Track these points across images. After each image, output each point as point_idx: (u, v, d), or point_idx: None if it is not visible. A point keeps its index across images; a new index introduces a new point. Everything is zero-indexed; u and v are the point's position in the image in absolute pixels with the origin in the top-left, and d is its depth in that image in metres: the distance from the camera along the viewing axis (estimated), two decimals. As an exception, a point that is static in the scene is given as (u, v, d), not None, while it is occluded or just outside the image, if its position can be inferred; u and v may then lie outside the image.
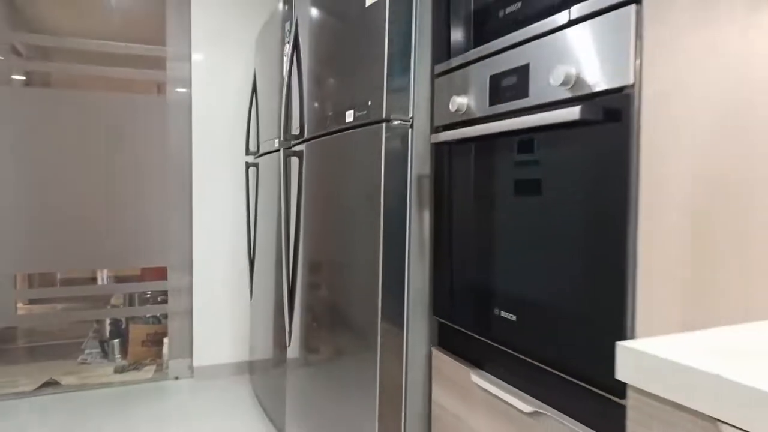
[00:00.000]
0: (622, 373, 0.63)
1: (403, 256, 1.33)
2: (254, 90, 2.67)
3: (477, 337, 1.17)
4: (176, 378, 2.84)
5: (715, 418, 0.53)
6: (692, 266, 0.78)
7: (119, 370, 2.92)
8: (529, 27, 0.98)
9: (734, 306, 0.82)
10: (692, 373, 0.55)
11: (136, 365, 2.99)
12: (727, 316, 0.82)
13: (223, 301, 2.89)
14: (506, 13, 1.06)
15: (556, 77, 0.88)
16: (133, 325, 3.09)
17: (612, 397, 0.84)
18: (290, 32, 2.00)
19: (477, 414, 1.14)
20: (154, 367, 2.97)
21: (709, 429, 0.54)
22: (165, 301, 2.92)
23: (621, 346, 0.63)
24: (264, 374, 2.44)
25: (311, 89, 1.78)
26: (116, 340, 3.13)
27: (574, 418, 0.91)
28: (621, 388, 0.81)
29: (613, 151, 0.82)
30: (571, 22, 0.89)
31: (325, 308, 1.63)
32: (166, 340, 2.91)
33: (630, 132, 0.79)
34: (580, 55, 0.87)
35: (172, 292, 2.84)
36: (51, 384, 2.72)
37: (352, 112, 1.44)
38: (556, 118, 0.87)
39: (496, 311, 1.08)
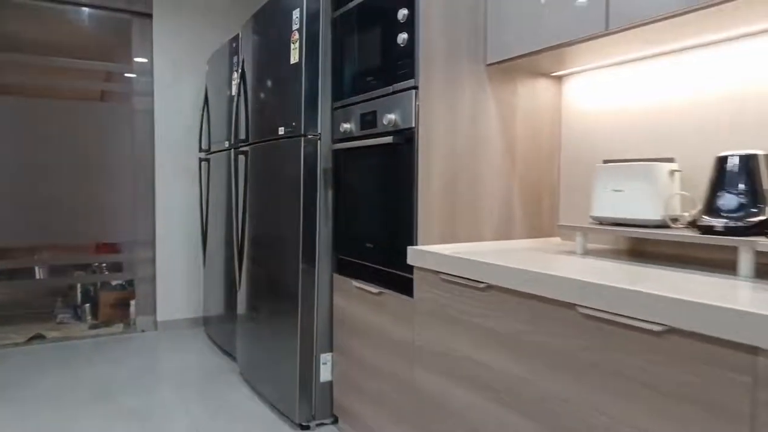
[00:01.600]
0: (410, 260, 1.51)
1: (315, 220, 2.16)
2: (206, 101, 3.42)
3: (355, 260, 2.02)
4: (143, 331, 3.55)
5: (440, 272, 1.42)
6: (445, 211, 1.67)
7: (93, 327, 3.59)
8: (376, 91, 1.84)
9: (466, 232, 1.72)
10: (441, 256, 1.44)
11: (107, 323, 3.66)
12: (463, 238, 1.72)
13: (180, 268, 3.62)
14: (367, 80, 1.92)
15: (386, 120, 1.75)
16: (103, 291, 3.75)
17: (410, 275, 1.71)
18: (238, 66, 2.78)
19: (353, 303, 2.00)
20: (122, 325, 3.65)
21: (436, 279, 1.43)
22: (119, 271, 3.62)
23: (410, 248, 1.51)
24: (217, 322, 3.21)
25: (254, 107, 2.58)
26: (87, 305, 3.78)
27: (394, 291, 1.78)
28: (411, 269, 1.68)
29: (408, 156, 1.69)
30: (393, 92, 1.76)
31: (265, 261, 2.44)
32: (132, 302, 3.60)
33: (414, 148, 1.66)
34: (396, 109, 1.74)
35: (139, 262, 3.54)
36: (38, 337, 3.36)
37: (282, 128, 2.26)
38: (385, 140, 1.74)
39: (366, 244, 1.94)
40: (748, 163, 1.26)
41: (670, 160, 1.52)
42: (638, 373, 1.02)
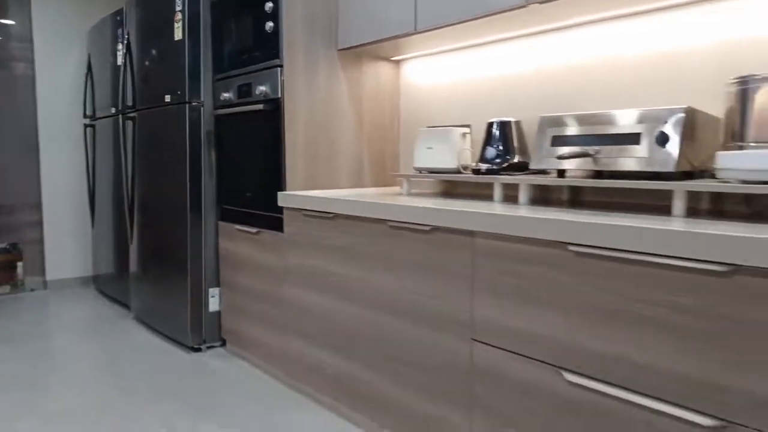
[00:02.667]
0: (280, 202, 1.97)
1: (200, 176, 2.53)
2: (89, 69, 3.57)
3: (237, 208, 2.44)
4: (32, 290, 3.69)
5: (303, 209, 1.90)
6: (307, 165, 2.15)
7: (-23, 290, 3.65)
8: (250, 66, 2.25)
9: (325, 182, 2.21)
10: (303, 198, 1.91)
11: (-8, 285, 3.73)
12: (322, 186, 2.21)
13: (69, 229, 3.78)
14: (243, 57, 2.32)
15: (259, 91, 2.17)
16: (-15, 255, 3.79)
17: (280, 215, 2.18)
18: (124, 38, 3.01)
19: (236, 243, 2.43)
20: (9, 286, 3.75)
21: (300, 215, 1.91)
22: None
23: (280, 193, 1.96)
24: (109, 277, 3.46)
25: (140, 77, 2.85)
26: (-32, 269, 3.80)
27: (269, 229, 2.24)
28: (281, 211, 2.15)
29: (276, 121, 2.13)
30: (264, 68, 2.18)
31: (157, 216, 2.77)
32: (20, 264, 3.71)
33: (281, 114, 2.11)
34: (266, 82, 2.17)
35: (25, 224, 3.65)
36: None
37: (168, 96, 2.59)
38: (258, 108, 2.17)
39: (245, 194, 2.37)
40: (504, 127, 1.86)
41: (467, 125, 2.11)
42: (419, 259, 1.57)
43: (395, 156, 2.52)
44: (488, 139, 1.89)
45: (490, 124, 1.89)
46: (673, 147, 1.32)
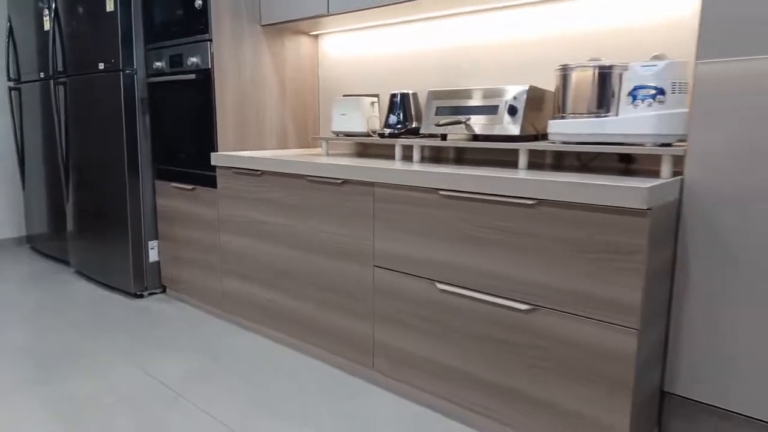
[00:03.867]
0: (213, 162, 2.27)
1: (136, 139, 2.77)
2: (11, 32, 3.60)
3: (172, 168, 2.71)
4: (-37, 251, 3.76)
5: (233, 167, 2.22)
6: (237, 128, 2.45)
7: None
8: (182, 39, 2.50)
9: (253, 144, 2.53)
10: (234, 157, 2.22)
11: None
12: (251, 147, 2.53)
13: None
14: (174, 30, 2.55)
15: (190, 62, 2.43)
16: None
17: (214, 174, 2.48)
18: (51, 5, 3.11)
19: (173, 200, 2.72)
20: (-63, 248, 3.80)
21: (231, 173, 2.22)
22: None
23: (213, 154, 2.27)
24: (45, 235, 3.61)
25: (70, 44, 2.99)
26: None
27: (203, 186, 2.54)
28: (214, 169, 2.45)
29: (208, 89, 2.41)
30: (195, 41, 2.44)
31: (94, 176, 2.97)
32: (-53, 226, 3.76)
33: (212, 83, 2.39)
34: (197, 54, 2.43)
35: (-49, 187, 3.69)
36: None
37: (102, 63, 2.77)
38: (190, 77, 2.43)
39: (179, 155, 2.64)
40: (403, 98, 2.25)
41: (375, 95, 2.48)
42: (333, 206, 1.96)
43: (316, 120, 2.86)
44: (391, 108, 2.27)
45: (393, 95, 2.28)
46: (519, 117, 1.77)
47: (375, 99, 2.42)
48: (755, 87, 1.30)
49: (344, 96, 2.51)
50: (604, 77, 1.58)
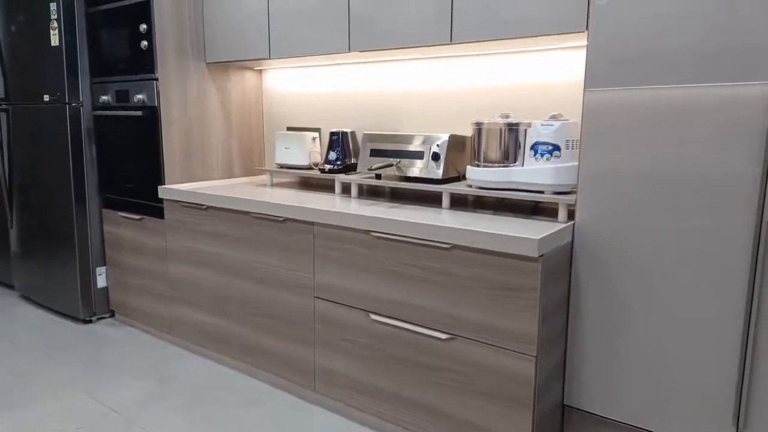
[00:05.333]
0: (161, 195, 2.38)
1: (82, 168, 2.83)
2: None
3: (120, 197, 2.80)
4: None
5: (180, 201, 2.34)
6: (184, 160, 2.57)
7: None
8: (128, 76, 2.59)
9: (200, 174, 2.66)
10: (180, 192, 2.34)
11: None
12: (198, 178, 2.66)
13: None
14: (121, 67, 2.64)
15: (137, 99, 2.53)
16: None
17: (161, 205, 2.59)
18: (-10, 31, 3.12)
19: (120, 228, 2.80)
20: None
21: (178, 206, 2.34)
22: None
23: (160, 187, 2.38)
24: (-14, 258, 3.58)
25: (13, 74, 3.01)
26: None
27: (151, 216, 2.64)
28: (162, 201, 2.56)
29: (155, 125, 2.52)
30: (141, 80, 2.54)
31: (40, 203, 3.01)
32: None
33: (158, 119, 2.50)
34: (143, 92, 2.54)
35: None
36: None
37: (47, 95, 2.82)
38: (137, 114, 2.53)
39: (126, 185, 2.73)
40: (342, 136, 2.44)
41: (317, 129, 2.66)
42: (276, 241, 2.12)
43: (261, 150, 3.01)
44: (331, 145, 2.45)
45: (333, 134, 2.46)
46: (441, 162, 1.98)
47: (316, 134, 2.60)
48: (636, 114, 1.56)
49: (288, 129, 2.67)
50: (511, 132, 1.81)
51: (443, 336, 1.70)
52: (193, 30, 2.60)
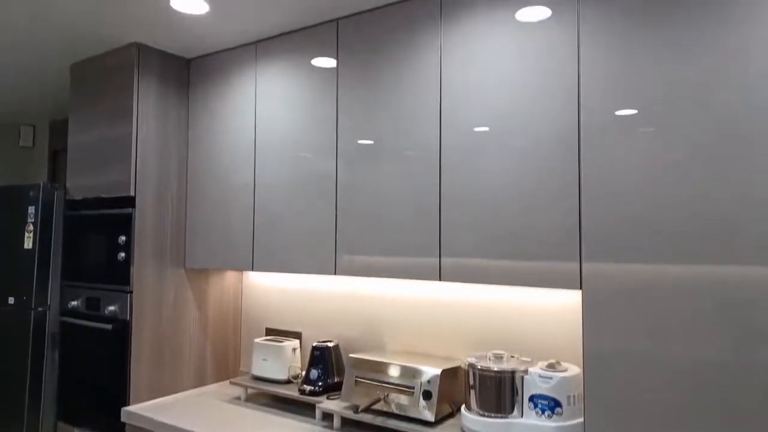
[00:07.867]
0: (123, 418, 2.16)
1: (41, 375, 2.60)
2: None
3: (81, 410, 2.54)
4: None
5: (143, 428, 2.11)
6: (152, 374, 2.38)
7: None
8: (101, 284, 2.48)
9: (169, 386, 2.45)
10: (142, 417, 2.12)
11: None
12: (166, 390, 2.44)
13: None
14: (95, 274, 2.54)
15: (108, 310, 2.40)
16: None
17: (123, 424, 2.34)
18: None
19: (77, 448, 2.51)
20: None
21: (140, 429, 2.11)
22: None
23: (123, 409, 2.16)
24: None
25: (-19, 270, 2.89)
26: None
27: (113, 439, 2.38)
28: (124, 423, 2.32)
29: (124, 339, 2.36)
30: (114, 290, 2.43)
31: (-13, 408, 2.72)
32: None
33: (129, 334, 2.35)
34: (115, 303, 2.41)
35: None
36: None
37: (12, 298, 2.68)
38: (106, 327, 2.38)
39: (89, 399, 2.49)
40: (324, 350, 2.30)
41: (298, 335, 2.52)
42: (248, 491, 1.88)
43: (237, 352, 2.84)
44: (312, 361, 2.30)
45: (315, 348, 2.32)
46: (433, 402, 1.84)
47: (296, 344, 2.46)
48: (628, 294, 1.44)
49: (267, 332, 2.53)
50: (506, 380, 1.70)
51: None
52: (174, 237, 2.56)
